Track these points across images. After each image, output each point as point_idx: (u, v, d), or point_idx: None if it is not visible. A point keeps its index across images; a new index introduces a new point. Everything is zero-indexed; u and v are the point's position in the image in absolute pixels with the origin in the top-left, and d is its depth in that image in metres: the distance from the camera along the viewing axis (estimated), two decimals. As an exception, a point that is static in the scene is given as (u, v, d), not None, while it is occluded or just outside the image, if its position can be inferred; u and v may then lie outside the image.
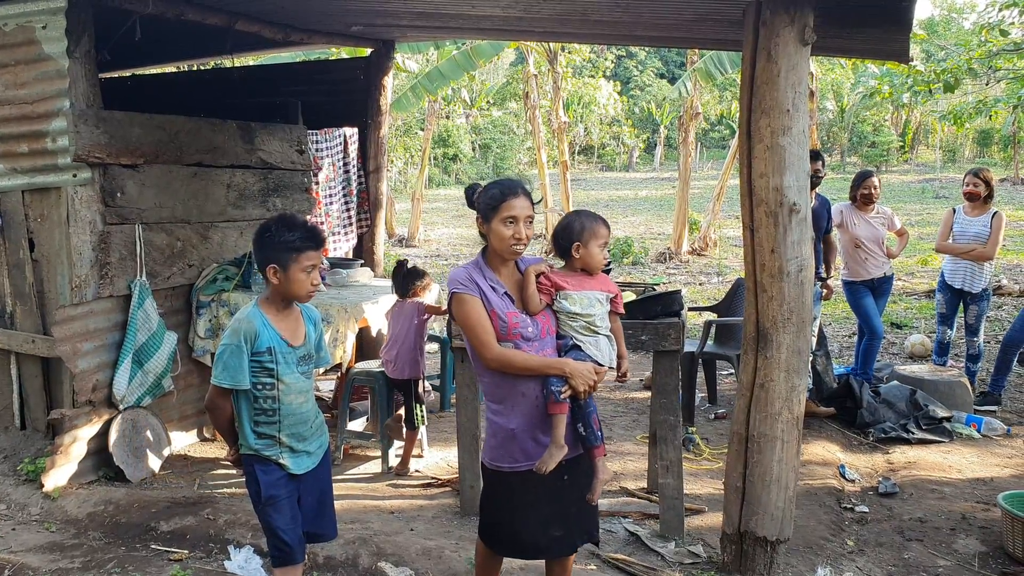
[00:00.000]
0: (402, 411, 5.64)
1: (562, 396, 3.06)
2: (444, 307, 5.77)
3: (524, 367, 3.08)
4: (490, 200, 3.11)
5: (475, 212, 3.20)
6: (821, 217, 6.47)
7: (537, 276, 3.19)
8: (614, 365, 3.32)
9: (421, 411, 5.54)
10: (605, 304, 3.26)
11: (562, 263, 3.36)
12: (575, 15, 5.11)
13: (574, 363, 3.10)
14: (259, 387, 3.17)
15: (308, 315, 3.37)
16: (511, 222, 3.06)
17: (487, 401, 3.24)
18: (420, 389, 5.56)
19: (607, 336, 3.26)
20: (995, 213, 7.01)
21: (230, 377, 3.11)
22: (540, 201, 3.23)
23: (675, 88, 16.23)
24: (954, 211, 7.23)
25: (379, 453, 5.71)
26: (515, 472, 3.15)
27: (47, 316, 5.25)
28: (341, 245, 7.84)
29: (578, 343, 3.18)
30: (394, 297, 5.93)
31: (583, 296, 3.21)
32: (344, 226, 7.87)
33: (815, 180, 6.31)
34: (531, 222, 3.12)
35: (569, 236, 3.25)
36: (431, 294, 5.81)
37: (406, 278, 5.63)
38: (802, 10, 3.64)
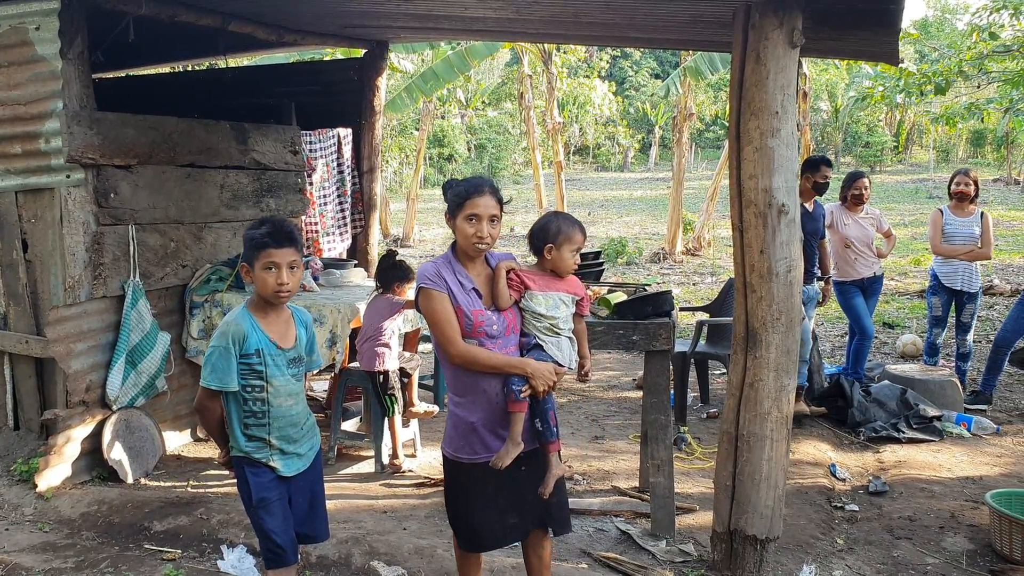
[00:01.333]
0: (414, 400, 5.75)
1: (522, 395, 3.12)
2: None
3: (487, 365, 3.13)
4: (455, 197, 3.15)
5: None
6: (818, 220, 6.50)
7: (507, 273, 3.24)
8: (574, 366, 3.39)
9: (389, 401, 5.50)
10: (570, 306, 3.33)
11: (534, 260, 3.42)
12: (567, 17, 5.12)
13: (535, 364, 3.16)
14: (248, 389, 3.18)
15: (299, 318, 3.37)
16: (474, 220, 3.10)
17: (449, 393, 3.30)
18: (390, 380, 5.50)
19: (569, 337, 3.33)
20: (982, 213, 7.08)
21: (218, 379, 3.12)
22: (509, 201, 3.27)
23: (664, 86, 16.25)
24: (942, 212, 7.26)
25: (372, 453, 5.73)
26: (474, 464, 3.22)
27: (40, 317, 5.26)
28: (336, 246, 7.85)
29: (540, 343, 3.25)
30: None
31: (548, 297, 3.27)
32: (339, 227, 7.88)
33: (824, 186, 6.37)
34: (496, 221, 3.15)
35: (544, 237, 3.31)
36: (410, 293, 5.79)
37: (389, 271, 5.55)
38: (790, 13, 3.67)
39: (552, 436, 3.25)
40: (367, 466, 5.70)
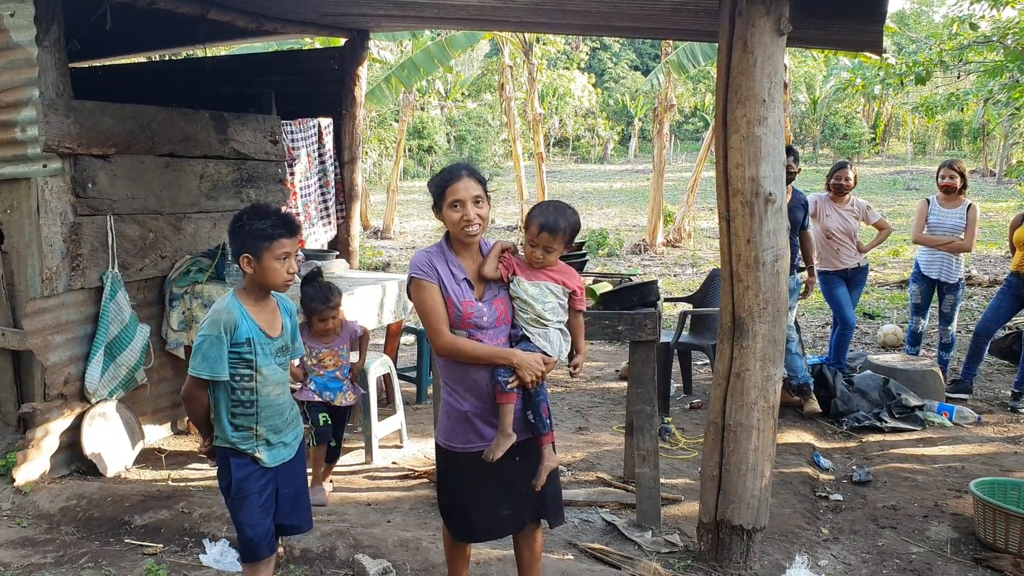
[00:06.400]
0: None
1: (509, 386, 3.09)
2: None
3: (473, 356, 3.11)
4: (436, 188, 3.14)
5: None
6: (794, 211, 6.50)
7: (502, 252, 3.24)
8: (564, 357, 3.33)
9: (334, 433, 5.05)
10: (560, 297, 3.25)
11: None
12: (551, 4, 5.09)
13: (522, 354, 3.12)
14: (237, 378, 3.13)
15: (284, 306, 3.34)
16: (457, 205, 3.08)
17: (443, 381, 3.27)
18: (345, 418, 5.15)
19: (558, 329, 3.25)
20: (970, 205, 7.10)
21: (209, 368, 3.07)
22: (490, 179, 3.24)
23: (648, 80, 16.27)
24: (928, 202, 7.30)
25: (356, 445, 5.69)
26: (468, 453, 3.20)
27: (18, 309, 5.18)
28: (320, 236, 7.78)
29: (527, 334, 3.20)
30: (372, 290, 5.91)
31: (536, 285, 3.21)
32: (322, 218, 7.81)
33: (788, 176, 6.35)
34: (481, 202, 3.12)
35: (526, 227, 3.28)
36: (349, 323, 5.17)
37: (306, 300, 4.98)
38: (778, 0, 3.65)
39: (544, 428, 3.22)
40: (350, 459, 5.66)
